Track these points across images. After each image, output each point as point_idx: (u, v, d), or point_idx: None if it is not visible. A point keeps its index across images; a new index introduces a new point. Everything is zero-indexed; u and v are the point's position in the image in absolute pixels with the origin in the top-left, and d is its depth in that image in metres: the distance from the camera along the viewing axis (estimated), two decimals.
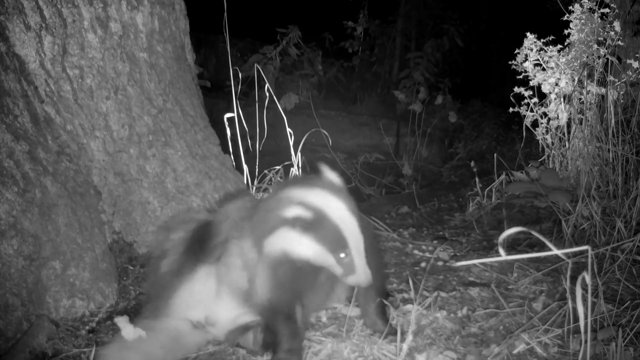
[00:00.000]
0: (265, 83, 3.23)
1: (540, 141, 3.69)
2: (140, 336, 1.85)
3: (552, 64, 3.54)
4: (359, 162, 5.92)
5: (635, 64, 3.23)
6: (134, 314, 2.20)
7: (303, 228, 1.70)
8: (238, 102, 3.17)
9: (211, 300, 1.95)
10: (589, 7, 3.42)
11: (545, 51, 3.57)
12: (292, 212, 1.70)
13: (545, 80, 3.56)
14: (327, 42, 8.00)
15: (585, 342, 1.47)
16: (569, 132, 3.49)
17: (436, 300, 2.22)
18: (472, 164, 4.43)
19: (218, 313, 1.95)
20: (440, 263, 2.69)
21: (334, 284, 2.06)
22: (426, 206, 4.07)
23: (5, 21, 2.32)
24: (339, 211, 1.72)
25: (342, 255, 1.71)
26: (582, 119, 3.35)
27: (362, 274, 1.73)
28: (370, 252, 1.91)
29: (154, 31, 2.78)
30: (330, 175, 1.84)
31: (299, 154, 3.31)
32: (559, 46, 3.54)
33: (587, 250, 1.27)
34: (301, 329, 1.87)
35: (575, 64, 3.48)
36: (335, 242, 1.70)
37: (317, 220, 1.69)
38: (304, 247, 1.73)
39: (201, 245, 1.98)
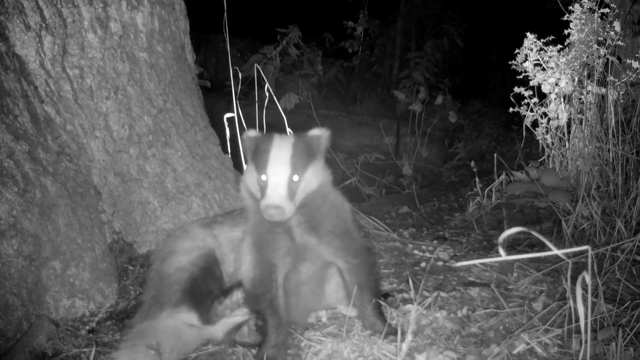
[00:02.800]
0: (265, 83, 3.23)
1: (540, 141, 3.69)
2: (146, 335, 1.85)
3: (552, 64, 3.54)
4: (359, 162, 5.92)
5: (635, 64, 3.23)
6: (134, 314, 2.21)
7: (252, 153, 1.86)
8: (238, 102, 3.17)
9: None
10: (589, 7, 3.42)
11: (545, 51, 3.56)
12: (250, 133, 1.91)
13: (545, 80, 3.56)
14: (327, 42, 8.00)
15: (585, 342, 1.47)
16: (569, 132, 3.49)
17: (436, 300, 2.21)
18: (472, 164, 4.44)
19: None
20: (440, 263, 2.69)
21: (322, 282, 2.08)
22: (426, 206, 4.07)
23: (5, 21, 2.32)
24: (280, 142, 1.82)
25: (263, 177, 1.79)
26: (582, 119, 3.34)
27: (268, 197, 1.75)
28: (361, 252, 1.99)
29: (154, 31, 2.78)
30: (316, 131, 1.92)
31: None
32: (559, 46, 3.54)
33: (587, 250, 1.27)
34: (284, 320, 1.91)
35: (575, 64, 3.47)
36: (261, 163, 1.79)
37: (261, 142, 1.84)
38: (249, 172, 1.88)
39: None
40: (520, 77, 3.61)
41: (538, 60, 3.58)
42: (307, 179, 1.80)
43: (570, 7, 3.49)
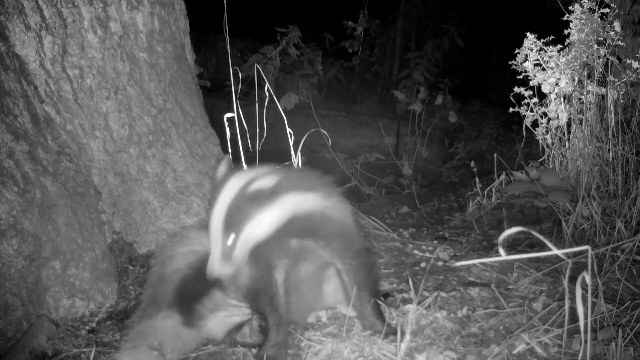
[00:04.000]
0: (265, 83, 3.23)
1: (540, 141, 3.69)
2: (147, 335, 1.85)
3: (552, 64, 3.54)
4: (359, 162, 5.91)
5: (635, 64, 3.23)
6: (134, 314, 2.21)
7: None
8: (238, 102, 3.17)
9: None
10: (589, 7, 3.42)
11: (545, 51, 3.56)
12: (219, 169, 1.83)
13: (545, 80, 3.56)
14: (327, 42, 8.00)
15: (585, 342, 1.47)
16: (569, 132, 3.49)
17: (436, 300, 2.21)
18: (472, 164, 4.44)
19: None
20: (440, 263, 2.69)
21: (320, 282, 2.07)
22: (426, 206, 4.07)
23: (5, 21, 2.32)
24: (222, 197, 1.70)
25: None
26: (582, 119, 3.34)
27: (208, 264, 1.71)
28: (360, 253, 1.97)
29: (154, 31, 2.78)
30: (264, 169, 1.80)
31: (299, 154, 3.30)
32: (559, 46, 3.54)
33: (587, 250, 1.27)
34: (285, 318, 1.90)
35: (575, 64, 3.47)
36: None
37: (215, 190, 1.74)
38: None
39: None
40: (520, 77, 3.61)
41: (538, 60, 3.58)
42: (247, 235, 1.70)
43: (570, 7, 3.49)
